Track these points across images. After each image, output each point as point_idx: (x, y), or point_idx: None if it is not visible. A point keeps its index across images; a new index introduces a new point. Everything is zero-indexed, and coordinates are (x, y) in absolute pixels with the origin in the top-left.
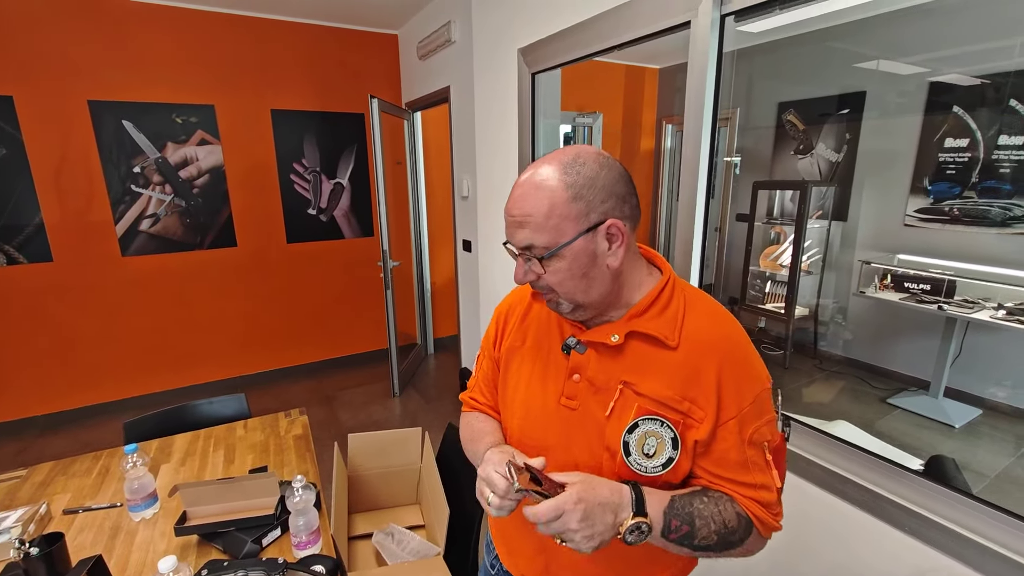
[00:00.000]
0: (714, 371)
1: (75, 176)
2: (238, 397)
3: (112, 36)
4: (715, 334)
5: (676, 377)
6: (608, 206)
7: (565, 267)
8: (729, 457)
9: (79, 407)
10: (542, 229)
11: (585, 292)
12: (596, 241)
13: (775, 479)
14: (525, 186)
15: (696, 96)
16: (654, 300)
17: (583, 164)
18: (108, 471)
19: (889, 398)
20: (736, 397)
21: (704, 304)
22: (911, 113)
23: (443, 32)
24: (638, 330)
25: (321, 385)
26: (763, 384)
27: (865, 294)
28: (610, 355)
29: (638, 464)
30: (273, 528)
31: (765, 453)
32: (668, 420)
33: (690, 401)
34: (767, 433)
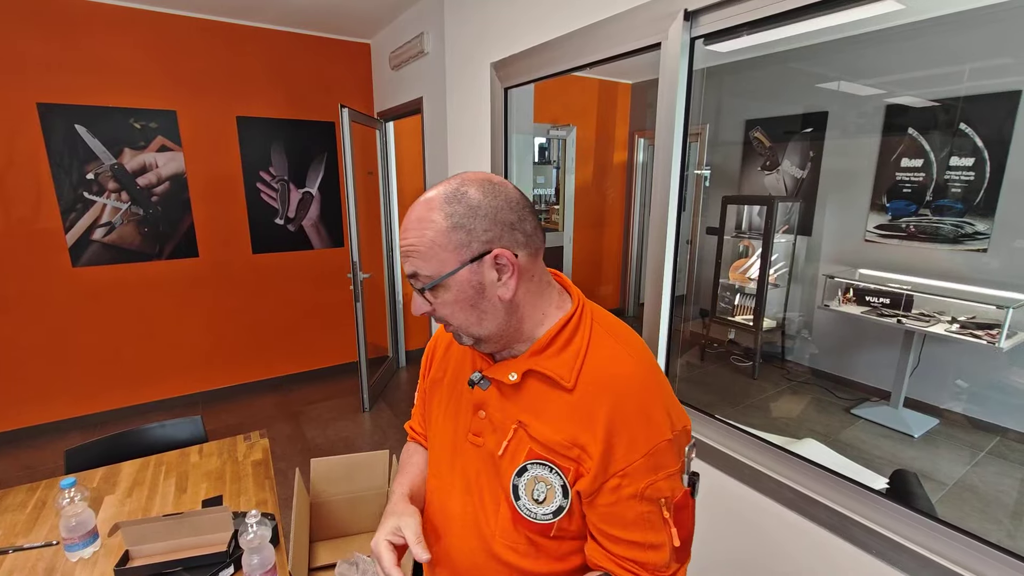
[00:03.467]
0: (604, 417)
1: (21, 182)
2: (193, 420)
3: (65, 36)
4: (611, 375)
5: (569, 421)
6: (492, 235)
7: (452, 299)
8: (615, 511)
9: (22, 427)
10: (425, 259)
11: (478, 324)
12: (483, 272)
13: (672, 537)
14: (410, 217)
15: (667, 113)
16: (555, 336)
17: (464, 193)
18: (45, 504)
19: (853, 408)
20: (628, 447)
21: (611, 340)
22: (870, 133)
23: (416, 43)
24: (535, 369)
25: (287, 400)
26: (662, 435)
27: (829, 307)
28: (509, 393)
29: (527, 510)
30: (225, 566)
31: (662, 510)
32: (558, 466)
33: (580, 448)
34: (665, 488)
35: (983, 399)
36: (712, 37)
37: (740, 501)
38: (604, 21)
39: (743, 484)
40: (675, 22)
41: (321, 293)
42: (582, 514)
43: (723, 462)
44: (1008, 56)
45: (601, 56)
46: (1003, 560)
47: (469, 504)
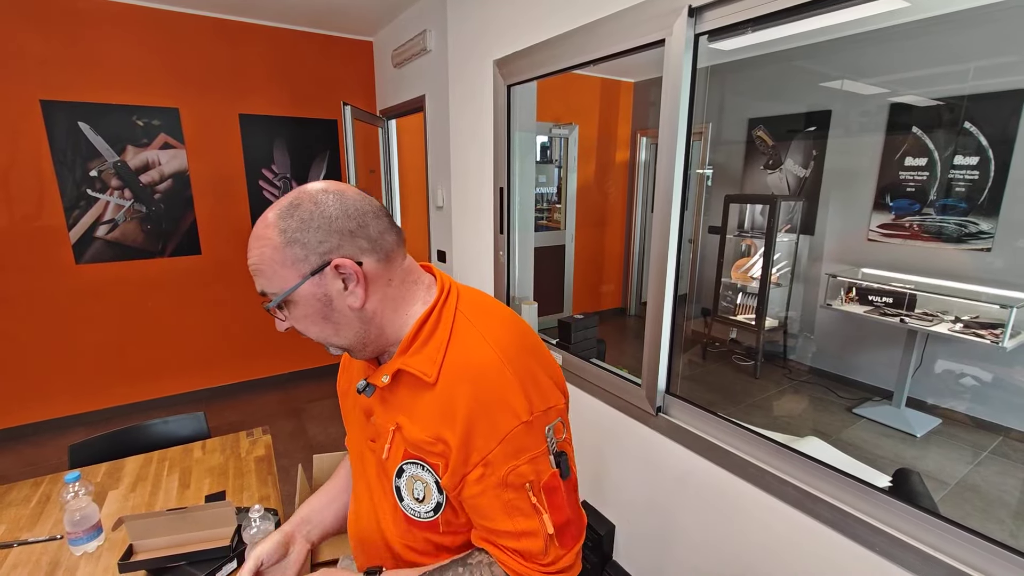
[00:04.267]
0: (465, 405)
1: (24, 180)
2: (196, 416)
3: (68, 33)
4: (471, 361)
5: (434, 416)
6: (329, 246)
7: (301, 313)
8: (482, 502)
9: (25, 423)
10: (267, 277)
11: (336, 335)
12: (326, 284)
13: (544, 524)
14: (252, 236)
15: (670, 111)
16: (416, 332)
17: (297, 206)
18: (49, 499)
19: (855, 408)
20: (486, 435)
21: (475, 325)
22: (874, 132)
23: (419, 40)
24: (401, 368)
25: (289, 397)
26: (518, 418)
27: (832, 307)
28: (387, 396)
29: (412, 510)
30: (228, 561)
31: (528, 495)
32: (428, 464)
33: (444, 443)
34: (529, 472)
35: (986, 398)
36: (716, 34)
37: (742, 498)
38: (608, 18)
39: (746, 481)
40: (679, 18)
41: None
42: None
43: (725, 459)
44: (1013, 54)
45: (604, 53)
46: (1007, 558)
47: (372, 511)
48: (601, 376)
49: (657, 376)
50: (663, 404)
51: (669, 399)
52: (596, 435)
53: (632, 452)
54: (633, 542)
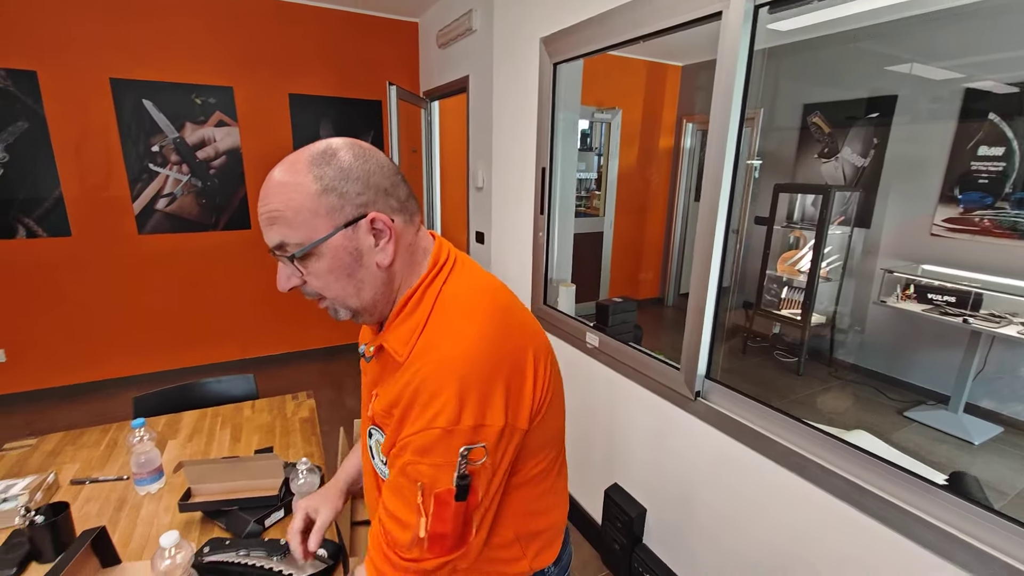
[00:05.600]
0: (412, 387)
1: (95, 152)
2: (247, 377)
3: (136, 15)
4: (438, 351)
5: (394, 390)
6: (366, 199)
7: (326, 267)
8: (390, 475)
9: (92, 380)
10: (292, 225)
11: (357, 295)
12: (359, 237)
13: (419, 525)
14: (271, 181)
15: (724, 92)
16: (404, 304)
17: (334, 155)
18: (116, 444)
19: (906, 411)
20: (412, 422)
21: (453, 314)
22: (944, 119)
23: (464, 20)
24: (381, 343)
25: (329, 369)
26: (439, 423)
27: (886, 304)
28: (376, 364)
29: (380, 469)
30: (276, 509)
31: (417, 493)
32: (384, 432)
33: (390, 416)
34: (426, 474)
35: None
36: (776, 6)
37: (782, 486)
38: None
39: (787, 470)
40: None
41: None
42: None
43: (766, 446)
44: None
45: (656, 28)
46: None
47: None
48: (637, 359)
49: (697, 360)
50: (702, 389)
51: (709, 384)
52: (630, 418)
53: (667, 436)
54: (664, 526)
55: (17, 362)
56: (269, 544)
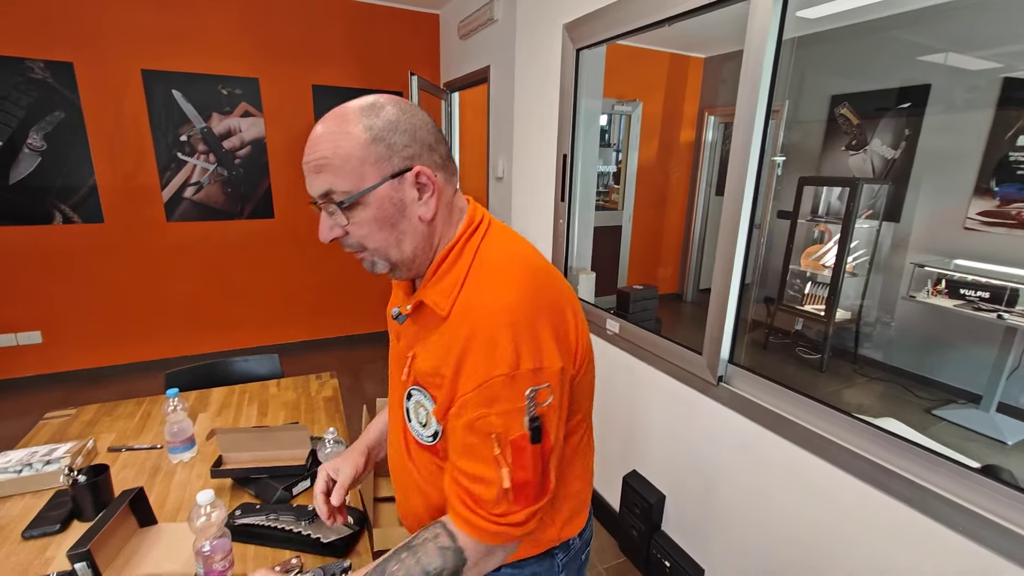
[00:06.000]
0: (461, 344)
1: (127, 142)
2: (272, 357)
3: (167, 7)
4: (478, 303)
5: (439, 349)
6: (413, 151)
7: (370, 217)
8: (452, 438)
9: (122, 363)
10: (340, 173)
11: (398, 247)
12: (404, 189)
13: (501, 477)
14: (319, 130)
15: (751, 79)
16: (439, 264)
17: (383, 107)
18: (150, 416)
19: (934, 409)
20: (469, 376)
21: (494, 268)
22: (981, 109)
23: (485, 11)
24: (421, 299)
25: (349, 357)
26: (500, 370)
27: (915, 299)
28: (412, 324)
29: (417, 432)
30: (303, 479)
31: (493, 446)
32: (429, 393)
33: (441, 377)
34: (497, 424)
35: None
36: None
37: (807, 470)
38: None
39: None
40: None
41: None
42: None
43: (791, 431)
44: None
45: (683, 9)
46: None
47: (398, 431)
48: (658, 344)
49: (720, 345)
50: (725, 374)
51: (732, 369)
52: (649, 404)
53: (688, 422)
54: (684, 513)
55: (52, 343)
56: (297, 510)
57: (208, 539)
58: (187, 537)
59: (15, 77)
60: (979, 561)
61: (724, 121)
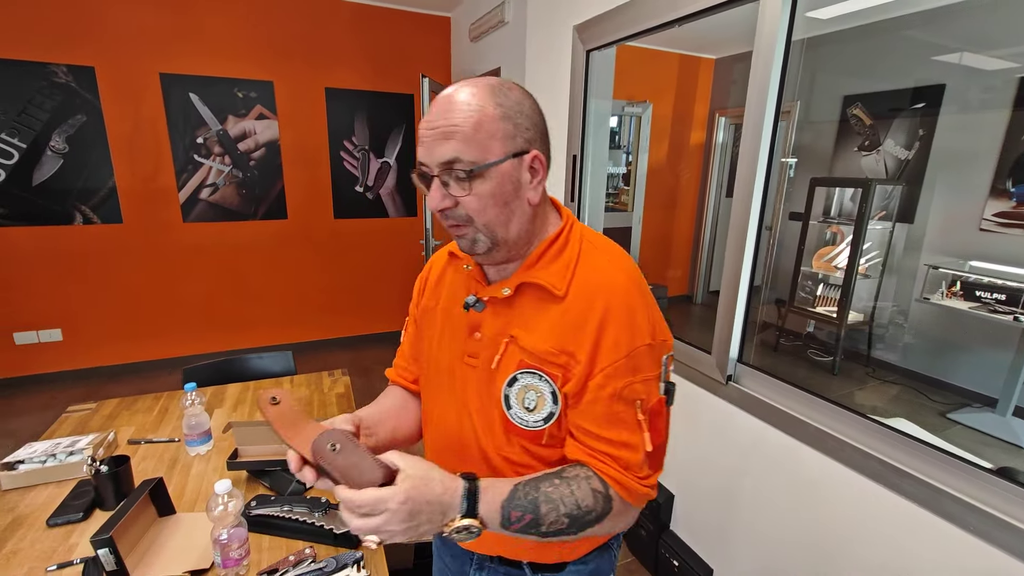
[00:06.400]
0: (597, 318)
1: (145, 144)
2: (285, 354)
3: (183, 12)
4: (607, 280)
5: (558, 329)
6: (532, 135)
7: (489, 191)
8: (595, 409)
9: (140, 360)
10: (470, 142)
11: (505, 225)
12: (520, 170)
13: (645, 441)
14: (450, 99)
15: (760, 79)
16: (547, 247)
17: (510, 89)
18: (167, 410)
19: (949, 413)
20: (612, 348)
21: (602, 253)
22: (997, 108)
23: (496, 13)
24: (528, 281)
25: (360, 357)
26: (643, 339)
27: (929, 301)
28: (503, 309)
29: (519, 418)
30: None
31: (637, 412)
32: (546, 374)
33: (568, 355)
34: (641, 391)
35: None
36: None
37: (816, 470)
38: None
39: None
40: None
41: (394, 261)
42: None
43: (800, 430)
44: None
45: (693, 9)
46: None
47: (467, 422)
48: None
49: (729, 344)
50: (734, 373)
51: (741, 368)
52: None
53: (697, 421)
54: (693, 512)
55: (72, 341)
56: (311, 501)
57: (225, 527)
58: (204, 526)
59: (39, 81)
60: (992, 561)
61: (735, 122)
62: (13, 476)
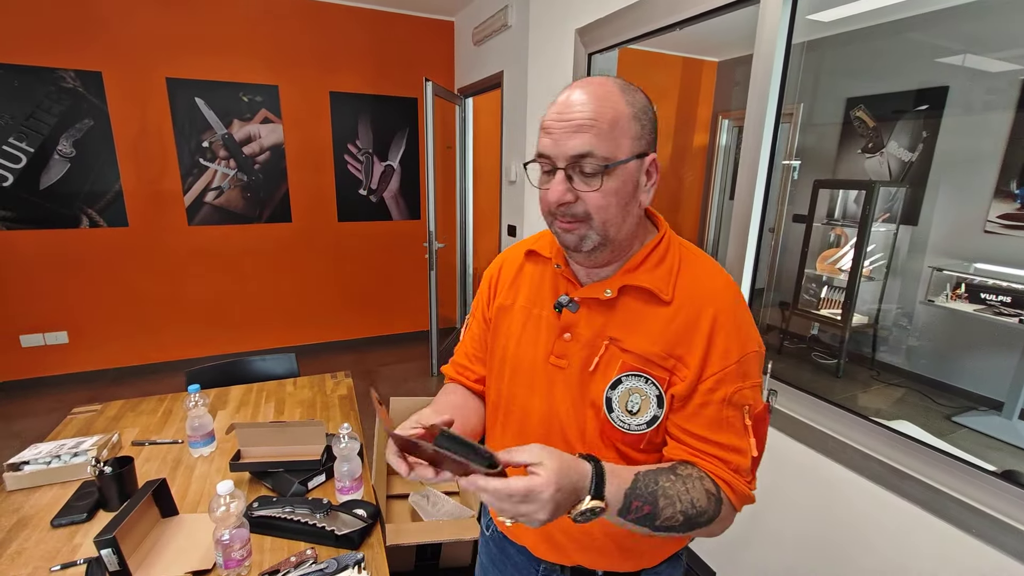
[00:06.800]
0: (707, 324)
1: (151, 148)
2: (289, 356)
3: (190, 17)
4: (712, 288)
5: (666, 333)
6: (652, 139)
7: (613, 189)
8: (704, 413)
9: (144, 363)
10: (605, 138)
11: (619, 225)
12: (640, 171)
13: (751, 447)
14: (587, 92)
15: (761, 80)
16: (649, 254)
17: (636, 91)
18: (171, 412)
19: (954, 416)
20: (723, 354)
21: (701, 261)
22: (1001, 110)
23: (499, 17)
24: (632, 284)
25: (363, 359)
26: (751, 347)
27: (934, 303)
28: (601, 311)
29: (621, 421)
30: (319, 473)
31: (744, 417)
32: (653, 377)
33: (676, 359)
34: (749, 397)
35: None
36: None
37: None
38: None
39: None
40: None
41: (397, 264)
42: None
43: (801, 432)
44: None
45: (694, 12)
46: None
47: (555, 423)
48: None
49: None
50: None
51: None
52: None
53: None
54: None
55: (78, 344)
56: (313, 503)
57: (228, 528)
58: (207, 527)
59: (48, 86)
60: (994, 564)
61: (738, 125)
62: (18, 477)
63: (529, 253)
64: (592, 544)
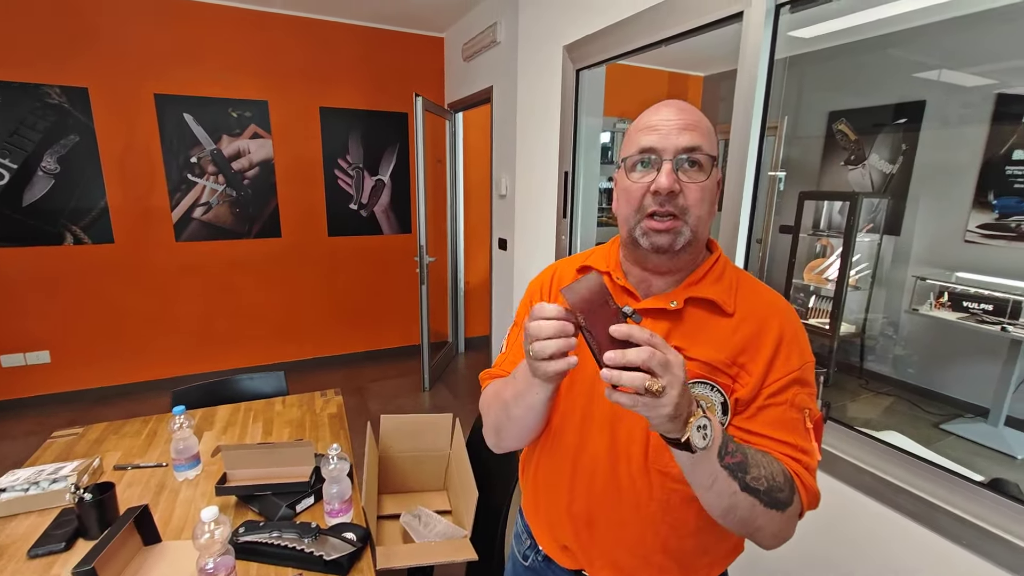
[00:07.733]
0: (774, 335)
1: (138, 164)
2: (277, 374)
3: (179, 33)
4: (773, 303)
5: (730, 342)
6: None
7: (709, 186)
8: (770, 414)
9: (129, 383)
10: (708, 138)
11: (706, 225)
12: (716, 178)
13: (815, 449)
14: (679, 106)
15: (745, 96)
16: (709, 270)
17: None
18: (156, 434)
19: (942, 424)
20: (786, 361)
21: (755, 281)
22: (976, 123)
23: (489, 33)
24: (697, 296)
25: (353, 375)
26: (809, 357)
27: (918, 312)
28: (663, 322)
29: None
30: (307, 495)
31: (806, 420)
32: (718, 384)
33: (739, 367)
34: (809, 402)
35: None
36: (798, 4)
37: None
38: None
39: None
40: None
41: (388, 278)
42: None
43: None
44: None
45: (678, 30)
46: None
47: (622, 430)
48: None
49: None
50: None
51: None
52: None
53: None
54: None
55: (61, 364)
56: (300, 527)
57: (212, 556)
58: (191, 555)
59: (32, 102)
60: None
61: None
62: None
63: (582, 269)
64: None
